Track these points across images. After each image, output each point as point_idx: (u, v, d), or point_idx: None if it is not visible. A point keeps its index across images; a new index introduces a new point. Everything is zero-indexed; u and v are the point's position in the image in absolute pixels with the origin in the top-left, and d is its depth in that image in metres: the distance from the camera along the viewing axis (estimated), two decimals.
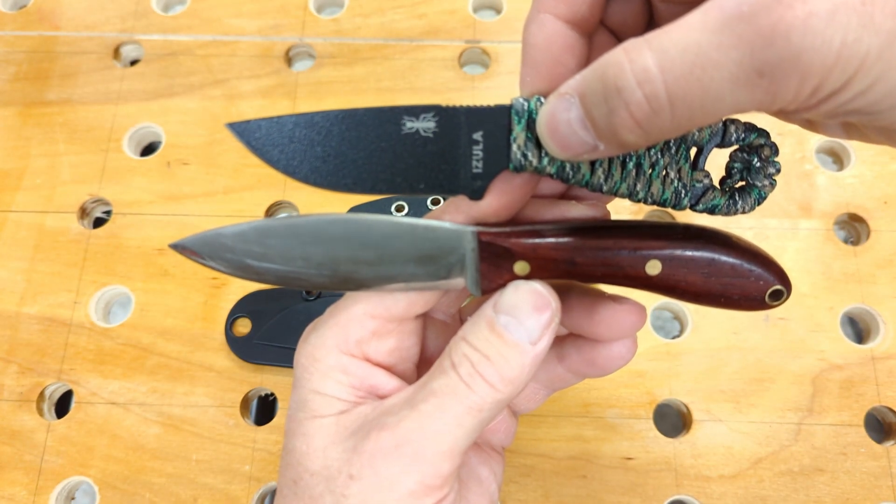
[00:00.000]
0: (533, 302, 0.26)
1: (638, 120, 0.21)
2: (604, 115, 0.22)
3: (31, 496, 0.44)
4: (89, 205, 0.53)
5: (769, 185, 0.27)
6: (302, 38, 0.57)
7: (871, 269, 0.49)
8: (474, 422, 0.25)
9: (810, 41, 0.19)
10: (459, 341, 0.26)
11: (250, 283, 0.49)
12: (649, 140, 0.22)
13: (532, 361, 0.26)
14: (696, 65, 0.19)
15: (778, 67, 0.19)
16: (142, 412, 0.46)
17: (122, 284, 0.50)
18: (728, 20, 0.19)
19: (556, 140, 0.23)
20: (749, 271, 0.26)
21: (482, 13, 0.59)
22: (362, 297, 0.28)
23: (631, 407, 0.46)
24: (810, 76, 0.19)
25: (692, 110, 0.20)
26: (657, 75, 0.20)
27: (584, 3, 0.25)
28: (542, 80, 0.26)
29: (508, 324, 0.26)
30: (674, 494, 0.44)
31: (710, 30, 0.19)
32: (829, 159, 0.54)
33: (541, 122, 0.24)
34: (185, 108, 0.55)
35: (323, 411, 0.27)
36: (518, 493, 0.44)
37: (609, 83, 0.21)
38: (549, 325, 0.26)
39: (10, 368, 0.47)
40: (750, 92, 0.20)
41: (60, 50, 0.57)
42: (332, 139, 0.25)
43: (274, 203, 0.52)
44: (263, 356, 0.47)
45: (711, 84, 0.20)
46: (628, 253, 0.26)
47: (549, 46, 0.25)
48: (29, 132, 0.55)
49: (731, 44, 0.19)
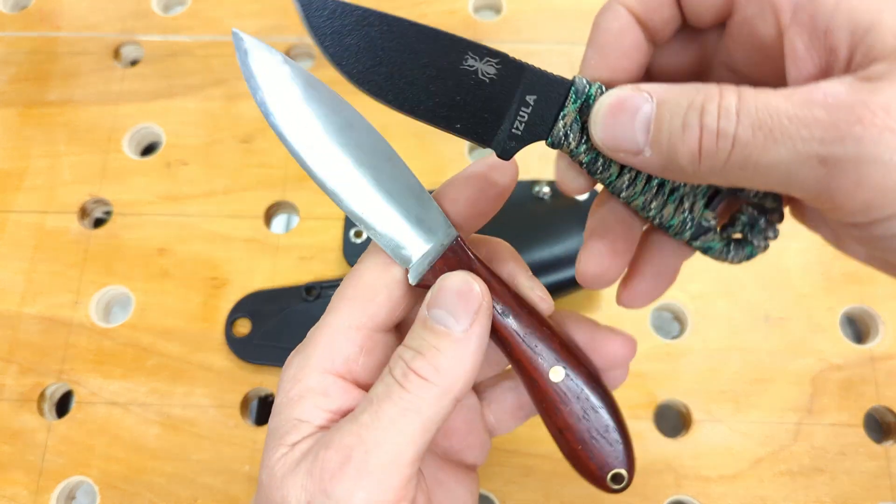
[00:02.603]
0: (458, 289, 0.26)
1: (701, 147, 0.21)
2: (674, 128, 0.22)
3: (32, 496, 0.44)
4: (89, 205, 0.53)
5: (763, 247, 0.27)
6: (302, 38, 0.57)
7: (870, 270, 0.49)
8: (415, 426, 0.25)
9: (879, 153, 0.19)
10: (398, 348, 0.26)
11: (250, 284, 0.49)
12: (693, 174, 0.22)
13: (467, 350, 0.26)
14: (768, 124, 0.20)
15: (840, 163, 0.20)
16: (142, 412, 0.46)
17: (122, 284, 0.50)
18: (812, 100, 0.20)
19: (610, 129, 0.23)
20: (610, 442, 0.29)
21: (482, 13, 0.59)
22: (344, 308, 0.28)
23: (631, 407, 0.46)
24: (866, 188, 0.20)
25: (747, 162, 0.21)
26: (734, 116, 0.21)
27: (659, 10, 0.25)
28: (606, 66, 0.26)
29: (439, 316, 0.26)
30: (674, 494, 0.44)
31: (793, 101, 0.20)
32: None
33: (602, 106, 0.24)
34: (185, 109, 0.55)
35: (290, 439, 0.26)
36: (518, 493, 0.44)
37: (696, 102, 0.22)
38: (479, 310, 0.26)
39: (11, 368, 0.48)
40: (805, 173, 0.20)
41: (61, 50, 0.57)
42: (393, 45, 0.24)
43: (274, 203, 0.52)
44: (263, 356, 0.47)
45: (774, 147, 0.20)
46: (544, 353, 0.28)
47: (621, 37, 0.25)
48: (29, 133, 0.55)
49: (807, 122, 0.20)
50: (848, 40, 0.21)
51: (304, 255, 0.50)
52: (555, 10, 0.58)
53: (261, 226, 0.51)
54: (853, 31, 0.21)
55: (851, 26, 0.21)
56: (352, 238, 0.49)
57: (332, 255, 0.50)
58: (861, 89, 0.20)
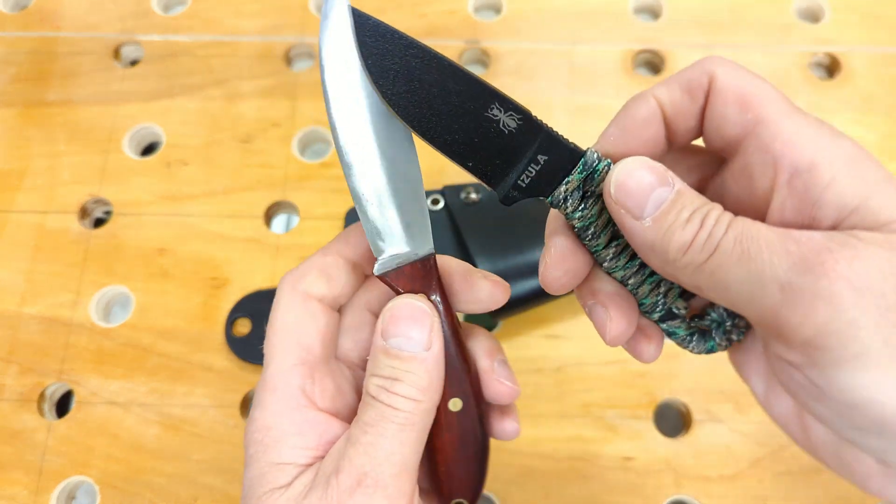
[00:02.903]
0: (410, 315, 0.28)
1: (693, 242, 0.23)
2: (681, 217, 0.24)
3: (33, 496, 0.44)
4: (89, 205, 0.53)
5: (724, 346, 0.28)
6: (302, 38, 0.57)
7: None
8: (412, 435, 0.27)
9: (830, 296, 0.21)
10: (369, 377, 0.28)
11: (250, 284, 0.49)
12: (672, 262, 0.24)
13: (434, 364, 0.28)
14: (748, 242, 0.22)
15: (795, 294, 0.21)
16: (142, 412, 0.46)
17: (122, 284, 0.50)
18: (790, 235, 0.22)
19: (627, 185, 0.25)
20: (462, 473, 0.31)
21: (482, 13, 0.59)
22: (278, 354, 0.29)
23: (631, 407, 0.46)
24: (811, 324, 0.21)
25: (718, 270, 0.23)
26: (724, 226, 0.23)
27: (684, 118, 0.27)
28: (624, 146, 0.27)
29: (398, 343, 0.28)
30: (674, 494, 0.44)
31: (774, 231, 0.23)
32: None
33: (631, 165, 0.25)
34: (185, 109, 0.55)
35: (282, 481, 0.28)
36: (519, 493, 0.44)
37: (707, 206, 0.24)
38: (433, 328, 0.28)
39: (11, 368, 0.48)
40: (764, 295, 0.22)
41: (61, 50, 0.57)
42: (428, 78, 0.26)
43: (274, 203, 0.52)
44: (263, 356, 0.47)
45: (746, 264, 0.22)
46: (455, 383, 0.30)
47: (645, 126, 0.27)
48: (29, 132, 0.55)
49: (779, 251, 0.22)
50: (833, 216, 0.23)
51: (304, 255, 0.50)
52: (555, 10, 0.58)
53: (261, 226, 0.51)
54: (839, 209, 0.23)
55: (839, 205, 0.23)
56: None
57: None
58: (833, 239, 0.22)
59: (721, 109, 0.26)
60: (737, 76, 0.26)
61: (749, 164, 0.25)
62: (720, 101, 0.26)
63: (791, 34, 0.57)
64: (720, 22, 0.57)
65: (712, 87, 0.26)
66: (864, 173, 0.23)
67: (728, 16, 0.58)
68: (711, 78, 0.26)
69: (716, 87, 0.26)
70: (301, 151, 0.54)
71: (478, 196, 0.49)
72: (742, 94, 0.25)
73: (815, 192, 0.23)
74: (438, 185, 0.50)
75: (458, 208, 0.48)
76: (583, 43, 0.57)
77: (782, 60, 0.56)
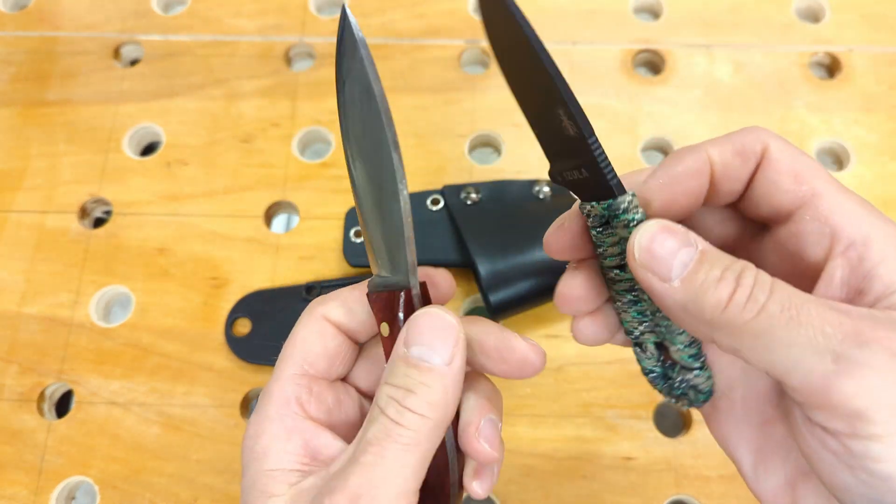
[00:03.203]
0: (437, 326, 0.27)
1: (731, 299, 0.23)
2: (711, 276, 0.24)
3: (32, 496, 0.44)
4: (89, 205, 0.53)
5: (673, 399, 0.29)
6: (302, 38, 0.57)
7: None
8: (416, 458, 0.26)
9: (890, 370, 0.22)
10: (382, 386, 0.27)
11: (250, 283, 0.49)
12: (709, 321, 0.24)
13: (452, 381, 0.27)
14: (796, 309, 0.22)
15: (851, 366, 0.22)
16: (142, 412, 0.46)
17: (122, 284, 0.50)
18: (839, 307, 0.23)
19: (651, 250, 0.25)
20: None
21: None
22: (285, 363, 0.30)
23: (631, 407, 0.46)
24: (865, 396, 0.22)
25: (765, 331, 0.23)
26: (768, 289, 0.23)
27: (731, 182, 0.27)
28: (669, 192, 0.27)
29: (421, 353, 0.27)
30: (674, 494, 0.44)
31: (821, 302, 0.23)
32: (829, 159, 0.54)
33: (652, 228, 0.25)
34: (185, 108, 0.55)
35: (274, 490, 0.27)
36: (519, 493, 0.44)
37: (736, 265, 0.24)
38: (458, 343, 0.27)
39: (11, 368, 0.48)
40: (814, 364, 0.22)
41: (61, 50, 0.57)
42: (524, 63, 0.27)
43: (274, 203, 0.52)
44: (263, 356, 0.47)
45: (796, 329, 0.22)
46: None
47: (695, 177, 0.27)
48: (29, 132, 0.55)
49: (831, 320, 0.22)
50: (879, 291, 0.24)
51: (304, 255, 0.50)
52: (555, 10, 0.58)
53: (261, 226, 0.51)
54: (887, 286, 0.24)
55: (888, 282, 0.24)
56: (352, 238, 0.49)
57: (332, 255, 0.50)
58: (888, 318, 0.22)
59: (775, 177, 0.26)
60: (790, 149, 0.27)
61: (802, 233, 0.26)
62: (774, 169, 0.26)
63: (791, 34, 0.57)
64: (720, 22, 0.57)
65: (766, 156, 0.27)
66: None
67: (728, 16, 0.58)
68: (765, 147, 0.27)
69: (770, 155, 0.26)
70: (301, 151, 0.54)
71: (478, 196, 0.49)
72: (796, 166, 0.26)
73: (867, 266, 0.24)
74: (438, 185, 0.50)
75: (458, 208, 0.48)
76: (583, 43, 0.57)
77: (782, 60, 0.56)
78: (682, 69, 0.56)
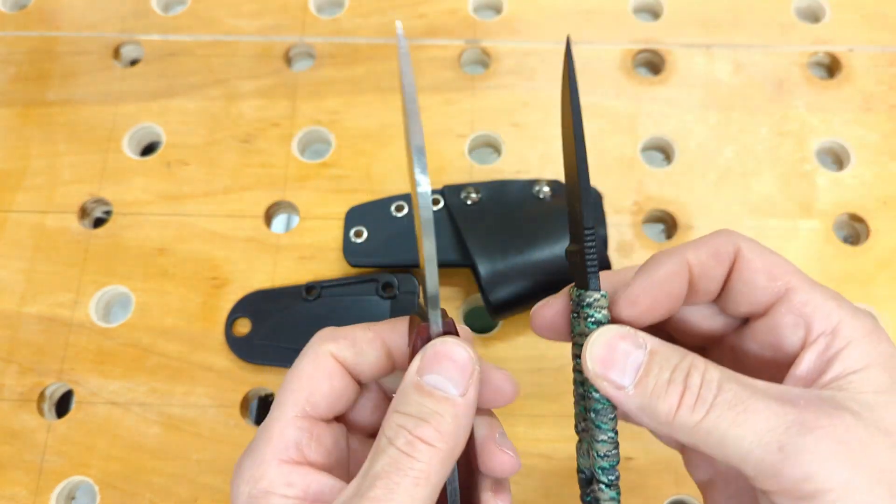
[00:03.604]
0: (453, 356, 0.27)
1: (680, 404, 0.25)
2: (661, 380, 0.26)
3: (32, 496, 0.44)
4: (89, 205, 0.53)
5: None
6: (302, 38, 0.57)
7: (871, 269, 0.49)
8: (426, 491, 0.25)
9: (826, 457, 0.23)
10: (392, 414, 0.27)
11: (250, 283, 0.49)
12: (666, 425, 0.26)
13: (465, 412, 0.27)
14: (744, 404, 0.24)
15: (796, 454, 0.23)
16: (142, 412, 0.46)
17: (122, 284, 0.50)
18: (788, 397, 0.25)
19: (602, 360, 0.27)
20: None
21: (482, 13, 0.59)
22: (287, 401, 0.29)
23: None
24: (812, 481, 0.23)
25: (715, 430, 0.24)
26: (715, 387, 0.25)
27: (708, 282, 0.29)
28: (650, 295, 0.28)
29: (435, 381, 0.27)
30: (674, 494, 0.44)
31: (770, 392, 0.25)
32: (829, 159, 0.54)
33: (600, 338, 0.27)
34: (185, 108, 0.55)
35: None
36: (518, 493, 0.44)
37: (684, 364, 0.26)
38: (473, 375, 0.27)
39: (11, 368, 0.48)
40: (762, 454, 0.24)
41: (60, 50, 0.57)
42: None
43: (274, 203, 0.52)
44: (263, 356, 0.47)
45: (744, 425, 0.24)
46: None
47: (674, 279, 0.29)
48: (29, 132, 0.55)
49: (777, 413, 0.24)
50: (839, 372, 0.26)
51: (304, 255, 0.50)
52: (555, 10, 0.58)
53: (261, 226, 0.51)
54: (846, 368, 0.26)
55: (847, 365, 0.26)
56: (352, 238, 0.49)
57: (332, 254, 0.50)
58: (830, 402, 0.24)
59: (749, 276, 0.28)
60: (760, 249, 0.29)
61: (779, 326, 0.28)
62: (748, 268, 0.28)
63: (791, 34, 0.57)
64: (720, 21, 0.57)
65: (739, 256, 0.29)
66: (875, 345, 0.26)
67: (728, 16, 0.58)
68: (737, 248, 0.29)
69: (743, 255, 0.28)
70: (301, 151, 0.54)
71: (478, 196, 0.49)
72: (768, 264, 0.28)
73: (832, 352, 0.26)
74: (438, 185, 0.50)
75: (458, 208, 0.48)
76: (583, 43, 0.57)
77: (782, 60, 0.56)
78: (682, 69, 0.56)
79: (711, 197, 0.52)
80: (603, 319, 0.28)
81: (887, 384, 0.25)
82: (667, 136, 0.54)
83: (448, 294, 0.49)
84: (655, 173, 0.52)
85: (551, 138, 0.53)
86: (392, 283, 0.48)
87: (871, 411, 0.24)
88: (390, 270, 0.48)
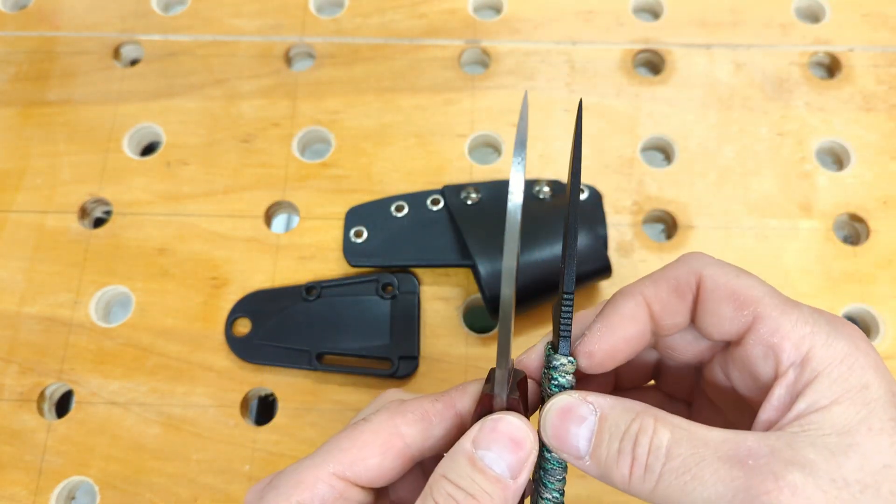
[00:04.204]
0: (512, 436, 0.26)
1: (631, 474, 0.25)
2: (611, 450, 0.25)
3: (32, 496, 0.44)
4: (89, 205, 0.53)
5: None
6: (302, 38, 0.57)
7: (871, 269, 0.49)
8: None
9: None
10: (440, 479, 0.26)
11: (250, 283, 0.49)
12: (627, 491, 0.25)
13: (513, 496, 0.26)
14: (692, 471, 0.24)
15: None
16: (142, 412, 0.46)
17: (122, 284, 0.50)
18: (737, 458, 0.23)
19: (557, 431, 0.26)
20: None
21: (482, 13, 0.59)
22: (333, 455, 0.28)
23: None
24: None
25: (667, 498, 0.24)
26: (663, 456, 0.24)
27: (672, 316, 0.28)
28: (609, 342, 0.28)
29: (490, 459, 0.26)
30: None
31: (720, 453, 0.24)
32: (829, 159, 0.54)
33: (552, 410, 0.27)
34: (185, 108, 0.55)
35: None
36: None
37: (631, 430, 0.25)
38: (528, 459, 0.26)
39: (11, 368, 0.48)
40: None
41: (60, 50, 0.57)
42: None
43: (274, 203, 0.52)
44: (263, 356, 0.47)
45: (693, 493, 0.23)
46: None
47: (632, 322, 0.28)
48: (29, 132, 0.55)
49: (725, 479, 0.23)
50: (803, 409, 0.25)
51: (304, 255, 0.50)
52: (555, 10, 0.58)
53: (261, 226, 0.51)
54: (810, 404, 0.25)
55: (812, 401, 0.25)
56: (352, 238, 0.49)
57: (333, 254, 0.50)
58: (787, 451, 0.23)
59: (715, 308, 0.27)
60: (725, 274, 0.27)
61: (751, 356, 0.27)
62: (713, 300, 0.27)
63: (791, 34, 0.57)
64: (720, 22, 0.57)
65: (702, 287, 0.27)
66: (847, 376, 0.25)
67: (728, 16, 0.58)
68: (699, 278, 0.27)
69: (706, 286, 0.27)
70: (301, 151, 0.54)
71: (478, 196, 0.49)
72: (734, 292, 0.27)
73: (800, 386, 0.25)
74: (438, 185, 0.50)
75: (458, 208, 0.48)
76: (583, 43, 0.57)
77: (782, 60, 0.56)
78: (682, 69, 0.56)
79: (711, 197, 0.52)
80: (566, 385, 0.27)
81: (854, 422, 0.24)
82: (667, 135, 0.54)
83: (448, 294, 0.49)
84: (655, 173, 0.52)
85: (551, 138, 0.53)
86: (392, 283, 0.48)
87: (829, 459, 0.23)
88: (390, 270, 0.48)
